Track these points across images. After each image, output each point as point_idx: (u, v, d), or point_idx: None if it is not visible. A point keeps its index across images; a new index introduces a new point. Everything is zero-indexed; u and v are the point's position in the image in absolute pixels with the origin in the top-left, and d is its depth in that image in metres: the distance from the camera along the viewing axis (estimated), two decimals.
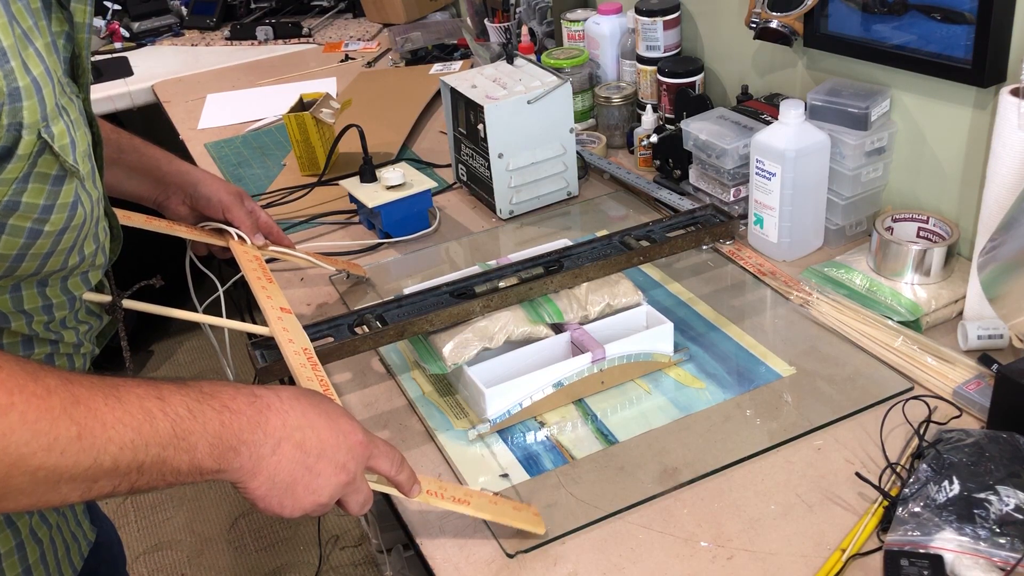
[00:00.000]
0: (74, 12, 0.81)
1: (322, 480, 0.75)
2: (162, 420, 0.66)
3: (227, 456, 0.70)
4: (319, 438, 0.75)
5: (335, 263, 1.31)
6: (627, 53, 1.70)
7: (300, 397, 0.76)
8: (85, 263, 0.86)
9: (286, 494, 0.74)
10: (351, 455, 0.76)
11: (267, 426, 0.72)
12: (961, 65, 1.14)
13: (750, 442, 0.98)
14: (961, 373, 1.02)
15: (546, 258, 1.15)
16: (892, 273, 1.16)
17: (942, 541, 0.81)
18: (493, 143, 1.41)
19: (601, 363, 1.05)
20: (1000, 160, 1.02)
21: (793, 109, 1.19)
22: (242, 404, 0.72)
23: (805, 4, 1.30)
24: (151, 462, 0.66)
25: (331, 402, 0.79)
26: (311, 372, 0.92)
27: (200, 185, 1.19)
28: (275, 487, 0.73)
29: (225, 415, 0.70)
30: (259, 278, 1.09)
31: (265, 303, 1.03)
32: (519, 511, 0.88)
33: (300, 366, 0.92)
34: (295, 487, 0.74)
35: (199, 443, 0.68)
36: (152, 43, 2.63)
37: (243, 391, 0.73)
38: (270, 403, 0.73)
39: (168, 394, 0.68)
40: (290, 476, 0.73)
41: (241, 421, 0.71)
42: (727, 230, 1.22)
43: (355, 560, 2.15)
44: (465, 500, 0.85)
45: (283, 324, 0.99)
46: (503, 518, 0.86)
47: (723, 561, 0.85)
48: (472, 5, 1.99)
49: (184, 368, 2.89)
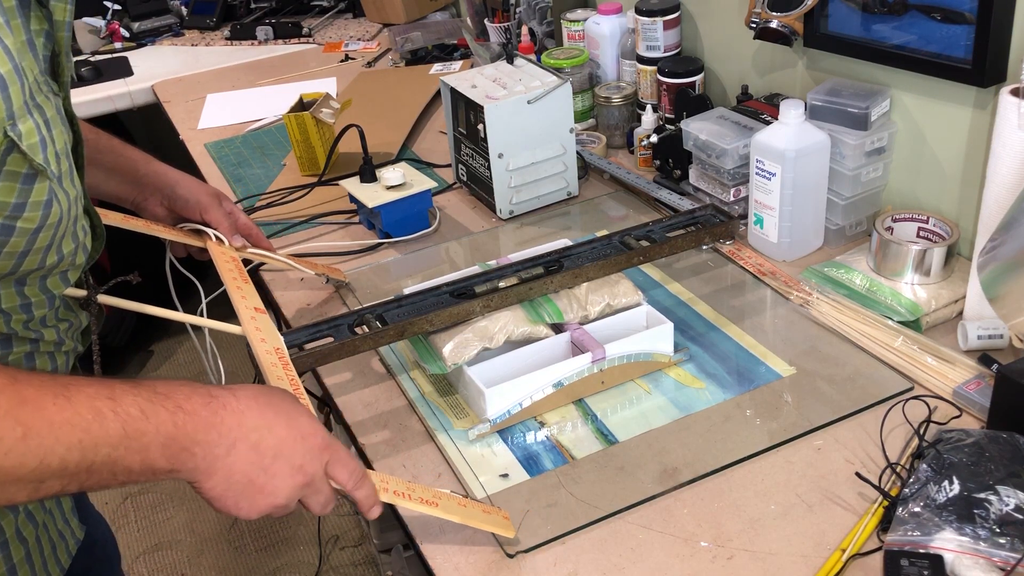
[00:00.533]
0: (53, 10, 0.81)
1: (278, 481, 0.75)
2: (113, 421, 0.66)
3: (180, 456, 0.70)
4: (276, 439, 0.75)
5: (315, 267, 1.31)
6: (627, 53, 1.70)
7: (258, 397, 0.76)
8: (64, 262, 0.86)
9: (242, 495, 0.74)
10: (309, 457, 0.76)
11: (222, 427, 0.72)
12: (961, 65, 1.14)
13: (750, 442, 0.98)
14: (961, 373, 1.02)
15: (546, 258, 1.15)
16: (892, 273, 1.16)
17: (942, 541, 0.81)
18: (493, 143, 1.41)
19: (601, 363, 1.05)
20: (1000, 160, 1.02)
21: (793, 109, 1.19)
22: (197, 405, 0.71)
23: (805, 4, 1.30)
24: (101, 462, 0.66)
25: (293, 402, 0.79)
26: (282, 371, 0.92)
27: (177, 186, 1.19)
28: (230, 488, 0.73)
29: (179, 416, 0.70)
30: (235, 279, 1.10)
31: (239, 303, 1.04)
32: (489, 514, 0.88)
33: (271, 365, 0.93)
34: (251, 488, 0.74)
35: (151, 444, 0.68)
36: (152, 43, 2.63)
37: (199, 391, 0.73)
38: (226, 403, 0.73)
39: (120, 394, 0.68)
40: (245, 477, 0.73)
41: (195, 422, 0.71)
42: (727, 230, 1.22)
43: (355, 560, 2.15)
44: (433, 502, 0.85)
45: (256, 324, 1.00)
46: (472, 521, 0.86)
47: (723, 561, 0.85)
48: (472, 5, 1.99)
49: (184, 368, 2.89)
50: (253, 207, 1.59)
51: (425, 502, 0.84)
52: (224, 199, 1.22)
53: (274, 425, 0.75)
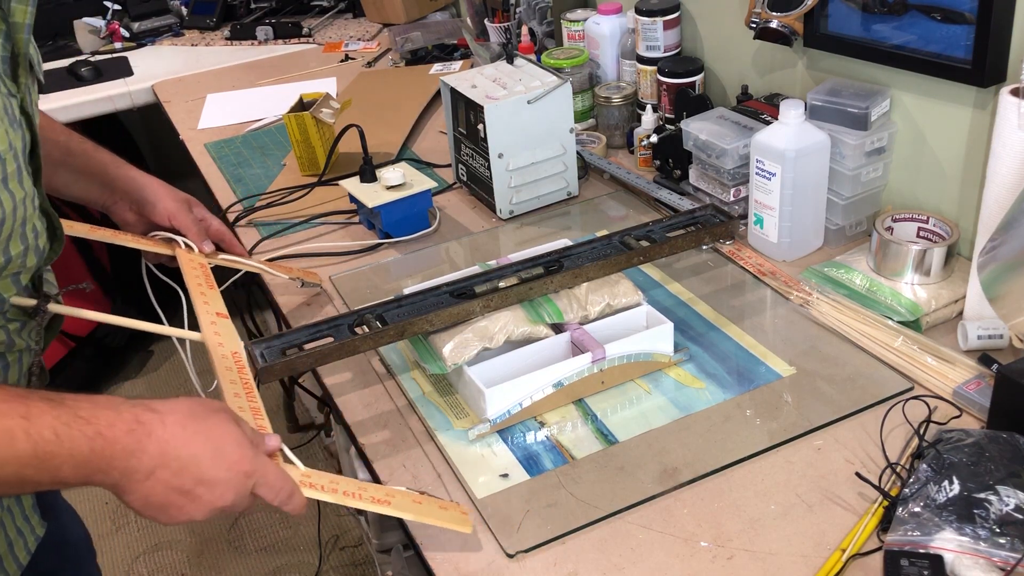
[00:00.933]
0: (13, 12, 0.81)
1: (199, 504, 0.76)
2: (23, 442, 0.67)
3: (94, 476, 0.71)
4: (198, 467, 0.75)
5: (289, 271, 1.31)
6: (627, 53, 1.70)
7: (187, 423, 0.76)
8: (13, 264, 0.85)
9: (161, 512, 0.75)
10: (233, 483, 0.76)
11: (142, 455, 0.72)
12: (961, 65, 1.14)
13: (750, 442, 0.98)
14: (961, 373, 1.02)
15: (546, 258, 1.15)
16: (892, 273, 1.16)
17: (942, 541, 0.81)
18: (493, 143, 1.41)
19: (601, 363, 1.05)
20: (1000, 160, 1.02)
21: (793, 109, 1.19)
22: (119, 432, 0.72)
23: (805, 4, 1.30)
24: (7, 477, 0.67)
25: (225, 423, 0.78)
26: (236, 375, 0.93)
27: (146, 191, 1.18)
28: (148, 507, 0.74)
29: (97, 442, 0.70)
30: (199, 285, 1.10)
31: (201, 308, 1.04)
32: (445, 510, 0.88)
33: (226, 369, 0.93)
34: (170, 508, 0.75)
35: (63, 465, 0.69)
36: (152, 43, 2.63)
37: (124, 416, 0.73)
38: (151, 431, 0.73)
39: (37, 414, 0.68)
40: (164, 499, 0.74)
41: (114, 448, 0.71)
42: (727, 230, 1.22)
43: (355, 560, 2.15)
44: (386, 500, 0.85)
45: (216, 329, 1.01)
46: (427, 517, 0.86)
47: (723, 561, 0.85)
48: (472, 5, 1.99)
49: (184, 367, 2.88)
50: (253, 207, 1.59)
51: (377, 500, 0.84)
52: (195, 204, 1.22)
53: (199, 453, 0.75)
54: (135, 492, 0.73)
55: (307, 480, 0.82)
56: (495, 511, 0.92)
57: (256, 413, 0.88)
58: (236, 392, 0.91)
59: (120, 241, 1.17)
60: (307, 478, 0.83)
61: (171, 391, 2.70)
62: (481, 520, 0.92)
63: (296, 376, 1.65)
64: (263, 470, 0.79)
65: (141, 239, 1.19)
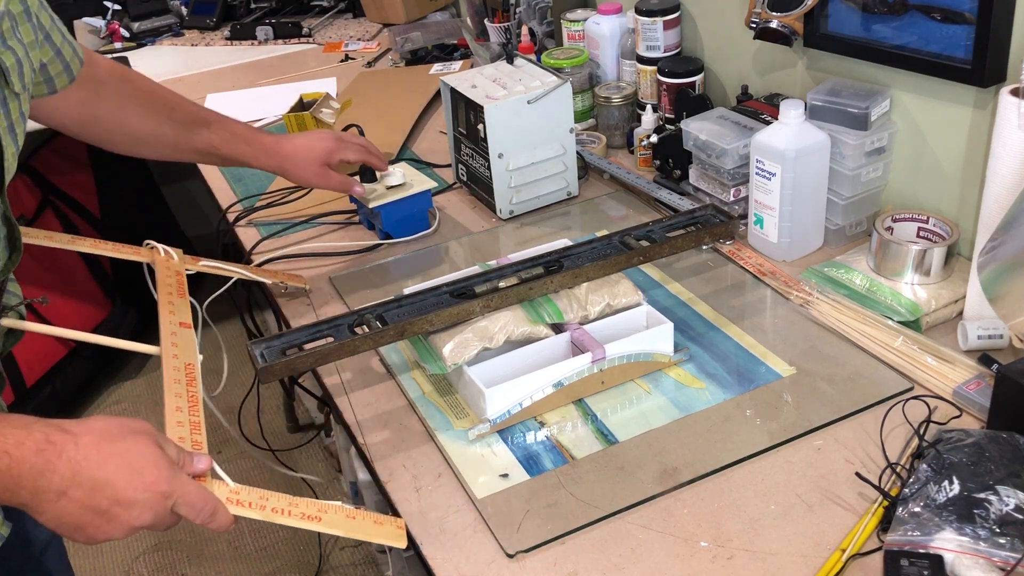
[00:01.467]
0: None
1: (117, 524, 0.75)
2: None
3: (3, 496, 0.71)
4: (113, 489, 0.74)
5: (273, 275, 1.30)
6: (627, 53, 1.70)
7: (102, 444, 0.75)
8: None
9: (77, 532, 0.75)
10: (148, 507, 0.76)
11: (52, 476, 0.72)
12: (961, 65, 1.14)
13: (750, 442, 0.98)
14: (961, 373, 1.02)
15: (546, 258, 1.15)
16: (892, 273, 1.16)
17: (942, 541, 0.81)
18: (493, 143, 1.41)
19: (601, 363, 1.05)
20: (1000, 160, 1.02)
21: (793, 109, 1.19)
22: (27, 452, 0.71)
23: (805, 4, 1.30)
24: None
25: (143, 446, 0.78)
26: (184, 388, 0.92)
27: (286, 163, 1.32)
28: (63, 526, 0.74)
29: (3, 461, 0.70)
30: (169, 293, 1.10)
31: (164, 319, 1.04)
32: (380, 525, 0.87)
33: (174, 382, 0.93)
34: (86, 528, 0.74)
35: None
36: (152, 43, 2.63)
37: (35, 435, 0.72)
38: (62, 451, 0.73)
39: None
40: (79, 519, 0.74)
41: (22, 468, 0.71)
42: (727, 230, 1.22)
43: (355, 560, 2.15)
44: (316, 516, 0.84)
45: (175, 340, 1.00)
46: (359, 533, 0.85)
47: (723, 561, 0.85)
48: (472, 5, 1.99)
49: None
50: (253, 207, 1.59)
51: (307, 517, 0.83)
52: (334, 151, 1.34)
53: (114, 476, 0.75)
54: (47, 512, 0.73)
55: (235, 497, 0.82)
56: (495, 511, 0.92)
57: (195, 428, 0.88)
58: (179, 406, 0.90)
59: (100, 251, 1.16)
60: (235, 495, 0.82)
61: None
62: (481, 520, 0.92)
63: (296, 376, 1.65)
64: (182, 490, 0.78)
65: (119, 246, 1.17)
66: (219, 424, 1.08)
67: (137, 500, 0.75)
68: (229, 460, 2.39)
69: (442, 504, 0.94)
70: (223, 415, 1.05)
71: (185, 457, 0.81)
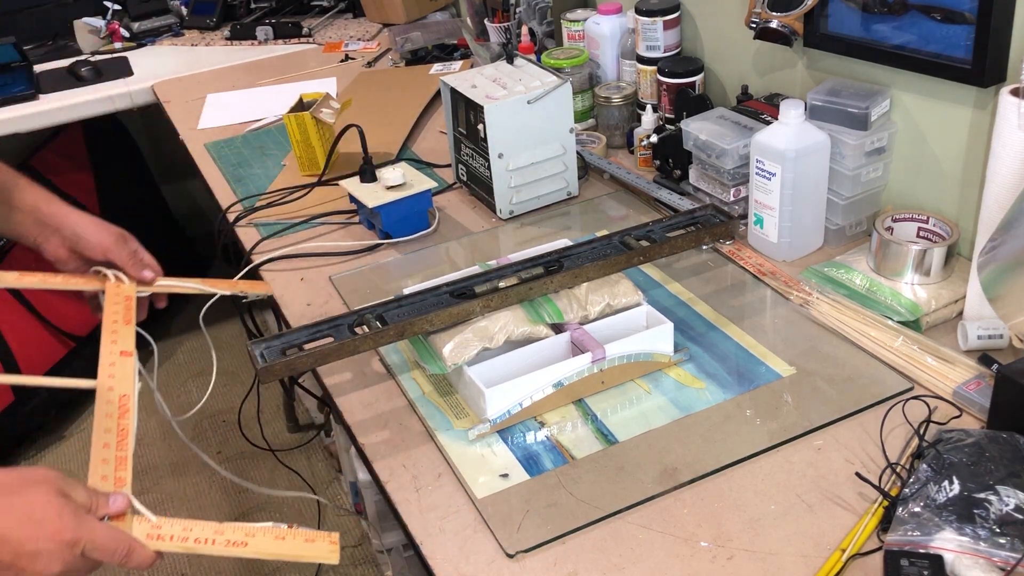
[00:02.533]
0: None
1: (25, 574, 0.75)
2: None
3: None
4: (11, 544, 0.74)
5: (232, 285, 1.28)
6: (627, 53, 1.70)
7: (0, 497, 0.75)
8: None
9: None
10: (54, 557, 0.76)
11: None
12: (961, 65, 1.14)
13: (750, 442, 0.98)
14: (961, 373, 1.02)
15: (546, 258, 1.15)
16: (892, 273, 1.16)
17: (942, 541, 0.81)
18: (493, 143, 1.41)
19: (601, 363, 1.05)
20: (1000, 160, 1.02)
21: (793, 109, 1.19)
22: None
23: (805, 4, 1.30)
24: None
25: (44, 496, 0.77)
26: (114, 422, 0.92)
27: (78, 226, 1.17)
28: None
29: None
30: (114, 321, 1.09)
31: (105, 348, 1.04)
32: (312, 543, 0.86)
33: (105, 416, 0.93)
34: None
35: None
36: (152, 43, 2.63)
37: None
38: None
39: None
40: None
41: None
42: (727, 230, 1.22)
43: (355, 560, 2.15)
44: (243, 542, 0.83)
45: (113, 371, 1.00)
46: (288, 554, 0.84)
47: (723, 561, 0.85)
48: (472, 5, 1.99)
49: (184, 368, 2.88)
50: (253, 207, 1.59)
51: (232, 544, 0.83)
52: (129, 239, 1.21)
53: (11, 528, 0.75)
54: None
55: (156, 532, 0.82)
56: (495, 511, 0.92)
57: (120, 465, 0.88)
58: (107, 442, 0.90)
59: (50, 286, 1.16)
60: (156, 529, 0.82)
61: (172, 391, 2.70)
62: (481, 520, 0.92)
63: (296, 376, 1.65)
64: (90, 535, 0.78)
65: (69, 278, 1.17)
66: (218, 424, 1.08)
67: (41, 551, 0.75)
68: (229, 460, 2.39)
69: (442, 504, 0.94)
70: (223, 415, 1.05)
71: (99, 499, 0.81)
